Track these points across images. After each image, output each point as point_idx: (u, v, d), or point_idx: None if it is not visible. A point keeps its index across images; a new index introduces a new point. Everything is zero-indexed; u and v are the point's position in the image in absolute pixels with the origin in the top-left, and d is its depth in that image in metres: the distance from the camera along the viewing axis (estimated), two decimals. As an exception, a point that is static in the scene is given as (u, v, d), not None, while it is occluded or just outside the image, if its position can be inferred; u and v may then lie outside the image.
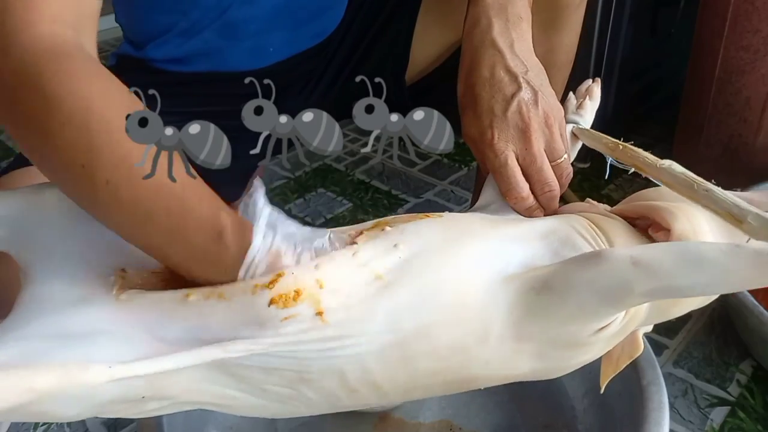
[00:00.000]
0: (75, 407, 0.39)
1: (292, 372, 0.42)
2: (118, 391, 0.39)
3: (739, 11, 1.05)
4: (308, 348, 0.41)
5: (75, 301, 0.42)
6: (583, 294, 0.42)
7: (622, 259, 0.41)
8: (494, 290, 0.44)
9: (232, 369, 0.41)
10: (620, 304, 0.43)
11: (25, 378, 0.36)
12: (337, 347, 0.41)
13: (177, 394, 0.41)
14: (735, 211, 0.43)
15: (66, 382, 0.37)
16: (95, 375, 0.37)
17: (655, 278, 0.40)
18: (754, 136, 1.12)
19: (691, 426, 0.79)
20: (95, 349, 0.39)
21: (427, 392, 0.47)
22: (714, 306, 0.93)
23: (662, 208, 0.50)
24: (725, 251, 0.39)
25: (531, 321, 0.44)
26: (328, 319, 0.41)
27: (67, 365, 0.37)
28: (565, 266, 0.44)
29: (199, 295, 0.41)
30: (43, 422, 0.84)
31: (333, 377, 0.42)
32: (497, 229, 0.49)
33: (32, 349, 0.38)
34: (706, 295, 0.44)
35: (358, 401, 0.45)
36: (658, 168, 0.49)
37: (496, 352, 0.44)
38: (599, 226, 0.50)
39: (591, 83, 0.64)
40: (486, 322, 0.44)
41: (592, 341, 0.46)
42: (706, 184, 0.46)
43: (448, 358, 0.44)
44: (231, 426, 0.74)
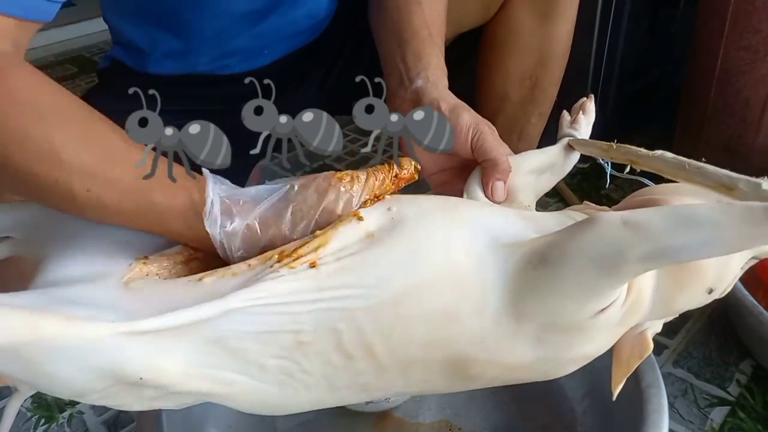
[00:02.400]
0: (72, 365, 0.39)
1: (288, 335, 0.43)
2: (116, 356, 0.39)
3: (739, 11, 1.05)
4: (303, 299, 0.42)
5: (85, 281, 0.43)
6: (579, 263, 0.42)
7: (613, 221, 0.42)
8: (487, 256, 0.45)
9: (229, 341, 0.42)
10: (616, 272, 0.42)
11: (32, 317, 0.37)
12: (329, 298, 0.43)
13: (174, 380, 0.42)
14: (726, 181, 0.45)
15: (68, 330, 0.38)
16: (97, 327, 0.39)
17: (646, 238, 0.40)
18: (754, 136, 1.12)
19: (691, 426, 0.80)
20: (100, 312, 0.40)
21: (427, 374, 0.47)
22: (714, 306, 0.93)
23: (660, 200, 0.51)
24: (717, 208, 0.39)
25: (529, 298, 0.44)
26: (321, 269, 0.43)
27: (71, 316, 0.38)
28: (560, 235, 0.45)
29: (214, 276, 0.43)
30: (44, 422, 0.84)
31: (328, 337, 0.43)
32: (493, 207, 0.51)
33: (41, 302, 0.40)
34: (702, 257, 0.44)
35: (356, 376, 0.45)
36: (651, 157, 0.52)
37: (492, 329, 0.45)
38: None
39: (585, 99, 0.65)
40: (480, 291, 0.44)
41: (592, 325, 0.45)
42: (696, 163, 0.48)
43: (442, 327, 0.44)
44: (230, 425, 0.74)
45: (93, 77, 1.96)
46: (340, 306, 0.43)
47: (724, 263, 0.50)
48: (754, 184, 0.43)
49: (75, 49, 2.17)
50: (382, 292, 0.43)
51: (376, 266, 0.43)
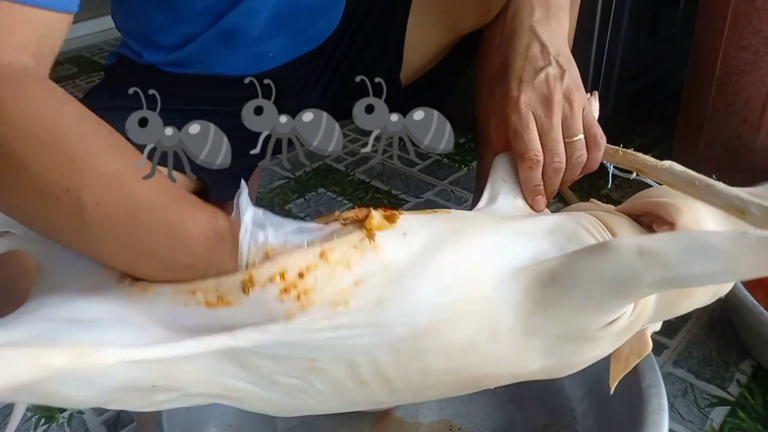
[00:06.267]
0: (85, 390, 0.39)
1: (302, 360, 0.41)
2: (129, 376, 0.39)
3: (739, 11, 1.05)
4: (318, 337, 0.40)
5: (88, 290, 0.42)
6: (591, 285, 0.42)
7: (628, 248, 0.41)
8: (503, 283, 0.44)
9: (241, 358, 0.41)
10: (628, 295, 0.42)
11: (39, 355, 0.36)
12: (347, 336, 0.41)
13: (186, 384, 0.42)
14: (737, 203, 0.45)
15: (78, 362, 0.37)
16: (107, 356, 0.38)
17: (662, 267, 0.40)
18: (754, 136, 1.12)
19: (691, 426, 0.79)
20: (106, 334, 0.39)
21: (438, 393, 0.47)
22: (714, 306, 0.93)
23: (666, 203, 0.50)
24: (731, 239, 0.39)
25: (539, 315, 0.44)
26: (338, 309, 0.40)
27: (79, 346, 0.37)
28: (572, 258, 0.44)
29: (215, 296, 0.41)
30: (44, 422, 0.84)
31: (343, 367, 0.42)
32: (504, 225, 0.49)
33: (45, 330, 0.39)
34: (713, 283, 0.44)
35: (368, 396, 0.45)
36: (659, 169, 0.51)
37: (505, 348, 0.44)
38: (604, 222, 0.50)
39: (589, 95, 0.65)
40: (495, 317, 0.44)
41: (601, 336, 0.45)
42: (707, 180, 0.47)
43: (459, 356, 0.44)
44: (230, 424, 0.74)
45: (93, 77, 1.96)
46: (357, 342, 0.41)
47: None
48: (765, 209, 0.43)
49: (75, 49, 2.17)
50: (403, 329, 0.42)
51: (396, 305, 0.41)
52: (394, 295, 0.41)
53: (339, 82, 0.85)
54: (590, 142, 0.56)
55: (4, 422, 0.82)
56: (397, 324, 0.41)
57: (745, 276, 0.40)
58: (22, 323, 0.40)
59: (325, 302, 0.40)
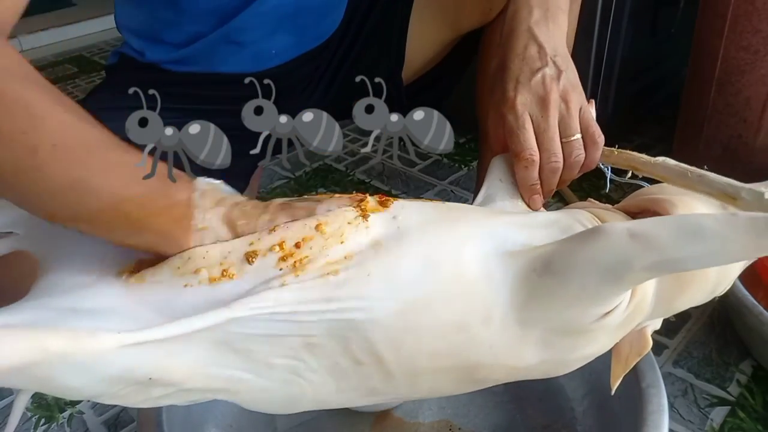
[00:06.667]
0: (81, 377, 0.39)
1: (297, 338, 0.42)
2: (125, 364, 0.40)
3: (739, 11, 1.05)
4: (311, 309, 0.42)
5: (86, 284, 0.43)
6: (584, 272, 0.42)
7: (619, 232, 0.41)
8: (493, 264, 0.45)
9: (237, 343, 0.42)
10: (621, 280, 0.42)
11: (37, 337, 0.37)
12: (339, 310, 0.42)
13: (183, 378, 0.42)
14: (729, 190, 0.46)
15: (75, 346, 0.38)
16: (104, 340, 0.38)
17: (653, 250, 0.40)
18: (754, 136, 1.12)
19: (691, 426, 0.79)
20: (104, 322, 0.40)
21: (435, 385, 0.47)
22: (714, 306, 0.93)
23: (662, 199, 0.51)
24: (722, 220, 0.39)
25: (534, 305, 0.44)
26: (329, 279, 0.42)
27: (77, 330, 0.38)
28: (565, 244, 0.44)
29: (210, 274, 0.43)
30: (44, 422, 0.84)
31: (336, 343, 0.43)
32: (499, 215, 0.51)
33: (43, 317, 0.39)
34: (705, 266, 0.44)
35: (365, 380, 0.45)
36: (653, 164, 0.52)
37: (500, 336, 0.45)
38: (601, 218, 0.51)
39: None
40: (488, 301, 0.44)
41: (596, 328, 0.45)
42: (699, 171, 0.49)
43: (450, 337, 0.44)
44: (230, 424, 0.74)
45: (93, 77, 1.96)
46: (348, 317, 0.42)
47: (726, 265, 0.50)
48: (756, 193, 0.44)
49: (75, 49, 2.17)
50: (391, 304, 0.43)
51: (384, 279, 0.43)
52: (382, 269, 0.43)
53: (341, 81, 0.86)
54: (588, 142, 0.56)
55: (4, 422, 0.82)
56: (385, 298, 0.43)
57: (736, 257, 0.41)
58: (21, 310, 0.41)
59: (318, 273, 0.42)
